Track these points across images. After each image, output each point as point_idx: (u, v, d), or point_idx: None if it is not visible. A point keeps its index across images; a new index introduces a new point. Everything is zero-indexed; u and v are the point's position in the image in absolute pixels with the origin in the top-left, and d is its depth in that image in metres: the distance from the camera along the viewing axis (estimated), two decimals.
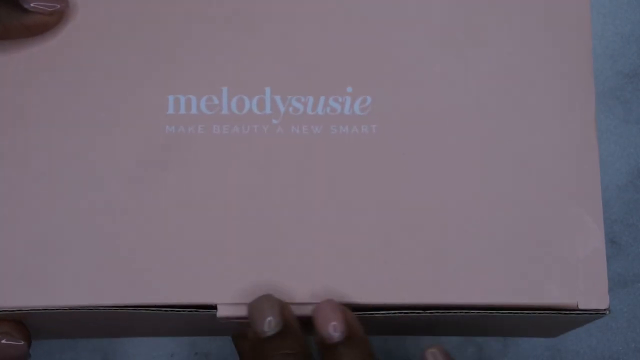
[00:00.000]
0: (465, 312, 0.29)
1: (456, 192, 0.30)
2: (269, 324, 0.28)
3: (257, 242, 0.30)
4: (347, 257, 0.30)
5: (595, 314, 0.29)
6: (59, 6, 0.31)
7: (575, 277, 0.29)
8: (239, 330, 0.31)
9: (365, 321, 0.30)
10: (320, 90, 0.31)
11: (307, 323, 0.29)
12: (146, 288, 0.29)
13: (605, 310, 0.29)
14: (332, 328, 0.28)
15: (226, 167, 0.30)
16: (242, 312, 0.29)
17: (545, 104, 0.31)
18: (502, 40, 0.32)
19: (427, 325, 0.33)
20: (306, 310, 0.29)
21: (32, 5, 0.30)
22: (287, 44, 0.32)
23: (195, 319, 0.30)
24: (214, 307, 0.29)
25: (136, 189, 0.30)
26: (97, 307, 0.29)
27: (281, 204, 0.30)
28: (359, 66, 0.31)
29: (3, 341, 0.30)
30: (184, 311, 0.29)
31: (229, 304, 0.29)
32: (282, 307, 0.29)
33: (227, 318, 0.29)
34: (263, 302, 0.28)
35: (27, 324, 0.31)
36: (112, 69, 0.31)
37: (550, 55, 0.31)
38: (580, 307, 0.29)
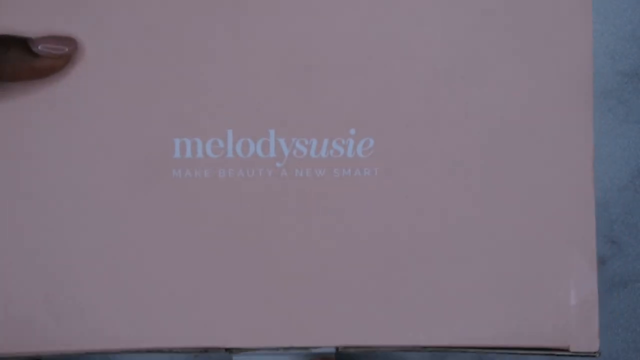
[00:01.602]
0: (460, 351, 0.30)
1: (457, 235, 0.31)
2: None
3: (261, 285, 0.31)
4: (352, 298, 0.30)
5: (585, 356, 0.30)
6: (67, 49, 0.31)
7: (568, 320, 0.30)
8: None
9: None
10: (324, 132, 0.31)
11: None
12: (153, 330, 0.30)
13: (595, 353, 0.30)
14: None
15: (232, 211, 0.31)
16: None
17: (544, 148, 0.31)
18: (504, 74, 0.32)
19: None
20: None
21: (41, 48, 0.31)
22: (291, 86, 0.32)
23: None
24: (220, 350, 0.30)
25: (143, 234, 0.31)
26: (99, 352, 0.30)
27: (286, 247, 0.31)
28: (361, 108, 0.32)
29: None
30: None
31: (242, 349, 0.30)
32: None
33: None
34: None
35: None
36: (118, 111, 0.32)
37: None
38: (572, 349, 0.30)
